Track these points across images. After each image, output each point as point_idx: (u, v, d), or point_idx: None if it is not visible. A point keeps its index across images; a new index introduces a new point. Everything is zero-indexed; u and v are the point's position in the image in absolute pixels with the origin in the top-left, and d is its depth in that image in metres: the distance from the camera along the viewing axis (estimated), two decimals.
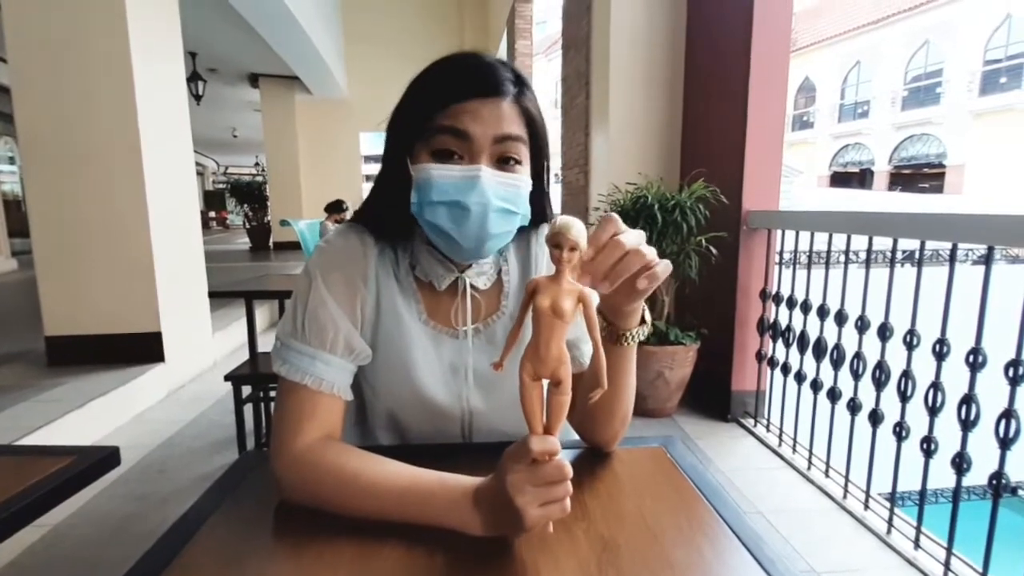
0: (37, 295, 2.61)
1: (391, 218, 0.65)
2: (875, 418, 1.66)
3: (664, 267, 0.48)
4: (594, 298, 0.45)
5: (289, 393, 0.59)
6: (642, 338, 0.57)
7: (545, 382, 0.45)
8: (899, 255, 1.64)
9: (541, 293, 0.43)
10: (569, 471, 0.45)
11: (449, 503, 0.49)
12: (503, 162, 0.59)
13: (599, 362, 0.45)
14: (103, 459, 0.67)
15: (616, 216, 0.46)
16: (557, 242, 0.43)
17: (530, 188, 0.62)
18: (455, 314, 0.67)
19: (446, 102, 0.58)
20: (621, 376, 0.59)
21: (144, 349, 2.69)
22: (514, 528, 0.45)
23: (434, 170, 0.57)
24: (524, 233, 0.70)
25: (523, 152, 0.61)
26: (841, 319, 1.83)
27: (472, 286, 0.67)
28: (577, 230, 0.42)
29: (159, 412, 2.57)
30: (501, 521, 0.46)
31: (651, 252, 0.47)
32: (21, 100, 2.49)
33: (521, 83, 0.61)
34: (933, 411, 1.45)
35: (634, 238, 0.46)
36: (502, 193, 0.58)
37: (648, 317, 0.57)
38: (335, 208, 4.40)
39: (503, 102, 0.58)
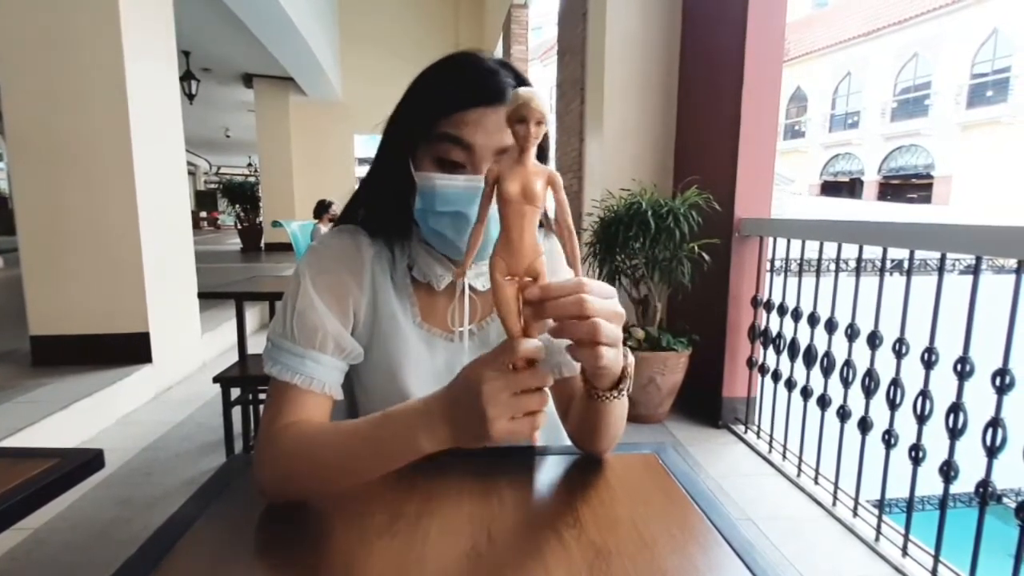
0: (23, 293, 2.57)
1: (388, 215, 0.65)
2: (864, 426, 1.67)
3: (611, 356, 0.43)
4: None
5: (278, 392, 0.58)
6: (617, 398, 0.54)
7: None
8: (888, 264, 1.65)
9: (508, 179, 0.39)
10: (548, 380, 0.43)
11: (406, 418, 0.48)
12: None
13: (573, 253, 0.42)
14: (87, 462, 0.66)
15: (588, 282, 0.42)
16: (522, 115, 0.37)
17: None
18: (451, 315, 0.67)
19: (450, 109, 0.58)
20: (606, 419, 0.58)
21: (131, 350, 2.66)
22: (477, 439, 0.43)
23: (438, 180, 0.58)
24: None
25: None
26: (831, 327, 1.84)
27: (470, 287, 0.67)
28: (541, 99, 0.37)
29: (145, 414, 2.53)
30: (463, 432, 0.45)
31: (612, 329, 0.42)
32: (9, 96, 2.46)
33: (522, 86, 0.61)
34: (921, 419, 1.46)
35: (604, 308, 0.42)
36: None
37: (625, 385, 0.54)
38: (323, 209, 4.38)
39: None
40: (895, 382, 1.55)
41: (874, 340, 1.64)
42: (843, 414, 1.77)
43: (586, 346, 0.42)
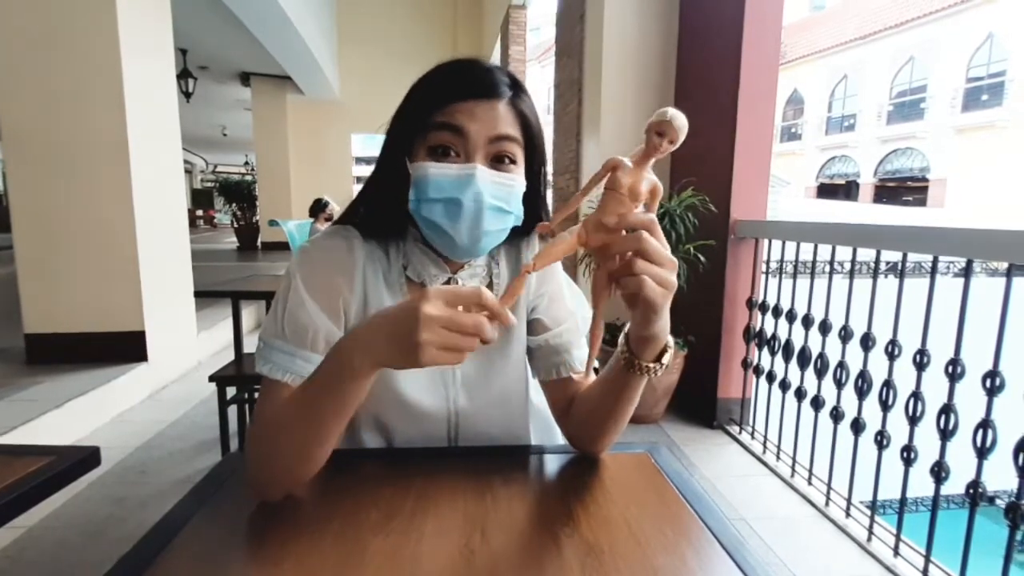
0: (17, 291, 2.56)
1: (385, 216, 0.65)
2: (857, 427, 1.68)
3: (660, 295, 0.48)
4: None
5: (270, 391, 0.59)
6: (653, 375, 0.56)
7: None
8: (882, 266, 1.67)
9: (624, 173, 0.45)
10: (485, 332, 0.44)
11: (344, 340, 0.49)
12: (498, 161, 0.60)
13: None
14: (82, 460, 0.66)
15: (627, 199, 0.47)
16: (663, 130, 0.43)
17: (524, 188, 0.63)
18: None
19: (444, 101, 0.59)
20: (626, 401, 0.60)
21: (127, 348, 2.65)
22: (406, 359, 0.44)
23: (431, 168, 0.58)
24: (515, 239, 0.71)
25: (518, 153, 0.62)
26: (825, 329, 1.85)
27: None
28: (683, 125, 0.43)
29: (141, 413, 2.53)
30: (395, 348, 0.45)
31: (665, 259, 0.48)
32: (5, 94, 2.45)
33: (517, 87, 0.62)
34: (913, 420, 1.47)
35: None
36: (496, 192, 0.59)
37: (667, 359, 0.56)
38: (319, 208, 4.37)
39: (499, 103, 0.60)
40: (887, 383, 1.56)
41: (867, 342, 1.66)
42: (836, 415, 1.78)
43: (628, 274, 0.46)
